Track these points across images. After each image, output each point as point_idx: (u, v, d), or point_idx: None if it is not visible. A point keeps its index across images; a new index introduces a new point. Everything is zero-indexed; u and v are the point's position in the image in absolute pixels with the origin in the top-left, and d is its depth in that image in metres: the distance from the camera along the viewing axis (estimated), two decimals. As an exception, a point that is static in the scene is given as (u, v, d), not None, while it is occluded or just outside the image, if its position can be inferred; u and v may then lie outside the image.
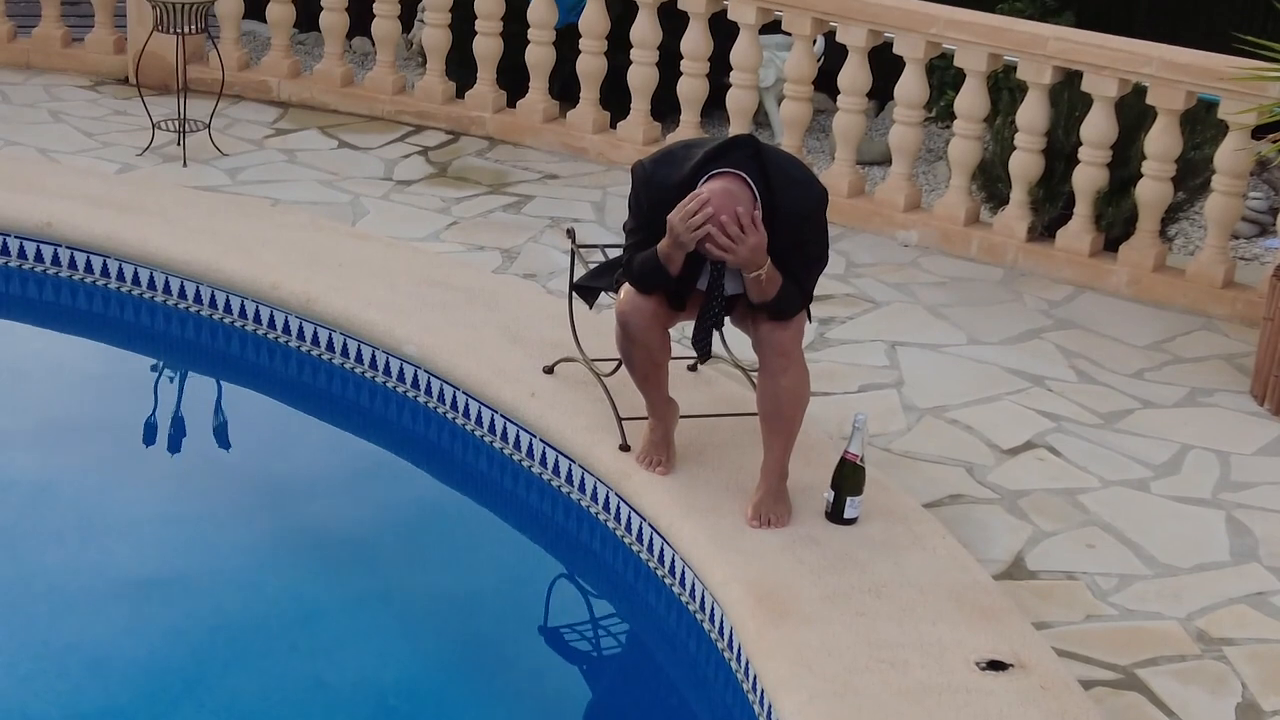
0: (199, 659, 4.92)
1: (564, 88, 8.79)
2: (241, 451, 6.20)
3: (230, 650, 4.97)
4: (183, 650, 4.95)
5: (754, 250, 4.81)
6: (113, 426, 6.20)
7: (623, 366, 5.36)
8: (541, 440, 5.74)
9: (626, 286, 5.12)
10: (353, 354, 6.37)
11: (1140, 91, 7.22)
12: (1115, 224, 7.44)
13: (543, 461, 5.75)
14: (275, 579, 5.34)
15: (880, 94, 8.48)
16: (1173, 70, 7.01)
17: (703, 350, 5.19)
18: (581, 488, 5.61)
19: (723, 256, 4.82)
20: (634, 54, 8.35)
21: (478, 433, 5.99)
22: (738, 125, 8.15)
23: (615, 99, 8.56)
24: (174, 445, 6.19)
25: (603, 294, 5.51)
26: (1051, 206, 7.55)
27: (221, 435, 6.28)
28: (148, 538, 5.53)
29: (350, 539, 5.62)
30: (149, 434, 6.19)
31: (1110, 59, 7.13)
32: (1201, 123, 7.44)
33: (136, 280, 6.84)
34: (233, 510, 5.72)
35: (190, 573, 5.33)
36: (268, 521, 5.66)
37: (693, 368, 6.02)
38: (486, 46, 8.68)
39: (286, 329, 6.53)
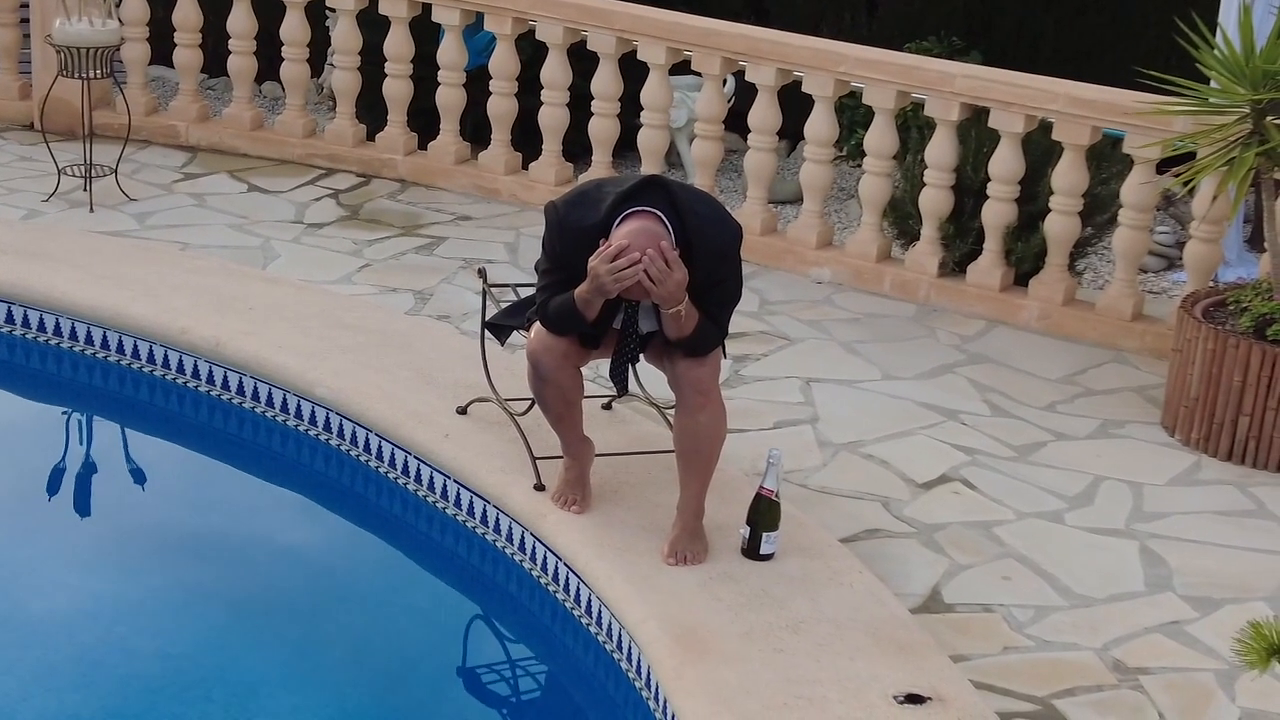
0: (110, 711, 4.84)
1: (475, 130, 8.78)
2: (151, 497, 6.12)
3: (142, 701, 4.88)
4: (93, 701, 4.86)
5: (677, 286, 4.81)
6: (18, 473, 6.11)
7: (536, 406, 5.34)
8: (456, 481, 5.70)
9: (537, 326, 5.10)
10: (264, 398, 6.31)
11: (1046, 127, 7.30)
12: (1025, 259, 7.50)
13: (457, 503, 5.71)
14: (185, 626, 5.25)
15: (792, 133, 8.52)
16: (1078, 106, 7.09)
17: (620, 385, 5.18)
18: (496, 528, 5.56)
19: (648, 292, 4.80)
20: (545, 95, 8.35)
21: (391, 475, 5.94)
22: (650, 165, 8.17)
23: (527, 140, 8.56)
24: (81, 491, 6.09)
25: (516, 333, 5.48)
26: (962, 242, 7.61)
27: (130, 481, 6.19)
28: (54, 587, 5.43)
29: (263, 584, 5.55)
30: (56, 480, 6.09)
31: (1017, 96, 7.20)
32: (1108, 158, 7.54)
33: (43, 326, 6.74)
34: (142, 557, 5.64)
35: (98, 622, 5.24)
36: (177, 568, 5.57)
37: (607, 406, 6.00)
38: (397, 89, 8.66)
39: (196, 374, 6.46)
